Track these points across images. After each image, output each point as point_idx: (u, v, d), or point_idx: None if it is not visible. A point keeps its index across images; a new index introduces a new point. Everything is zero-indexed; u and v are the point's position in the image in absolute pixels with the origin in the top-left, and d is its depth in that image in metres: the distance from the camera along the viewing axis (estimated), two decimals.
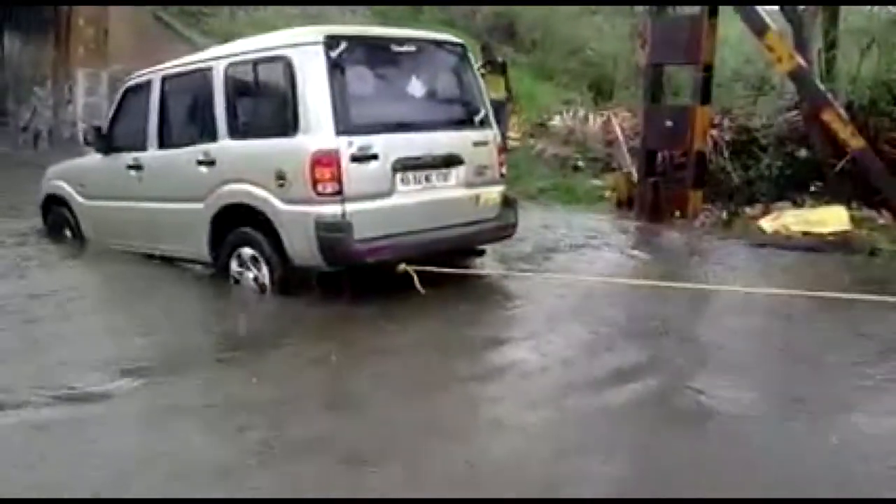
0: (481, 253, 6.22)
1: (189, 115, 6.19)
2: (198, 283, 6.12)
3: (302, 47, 5.20)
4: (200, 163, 5.71)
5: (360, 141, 5.10)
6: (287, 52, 5.24)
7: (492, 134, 6.00)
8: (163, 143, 6.19)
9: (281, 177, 5.14)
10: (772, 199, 8.79)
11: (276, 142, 5.27)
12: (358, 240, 5.07)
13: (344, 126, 5.05)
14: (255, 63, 5.49)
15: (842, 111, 8.29)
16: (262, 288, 5.50)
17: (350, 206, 5.08)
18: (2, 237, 7.54)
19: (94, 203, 6.96)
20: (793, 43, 8.99)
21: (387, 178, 5.25)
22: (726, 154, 9.50)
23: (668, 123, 8.98)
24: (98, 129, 6.81)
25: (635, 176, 9.58)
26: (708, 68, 8.91)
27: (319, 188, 5.01)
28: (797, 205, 8.58)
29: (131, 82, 6.69)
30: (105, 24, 13.70)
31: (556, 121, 12.80)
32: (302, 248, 5.17)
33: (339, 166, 5.02)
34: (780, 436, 3.42)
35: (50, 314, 5.33)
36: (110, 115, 6.85)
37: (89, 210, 7.02)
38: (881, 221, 7.98)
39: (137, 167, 6.33)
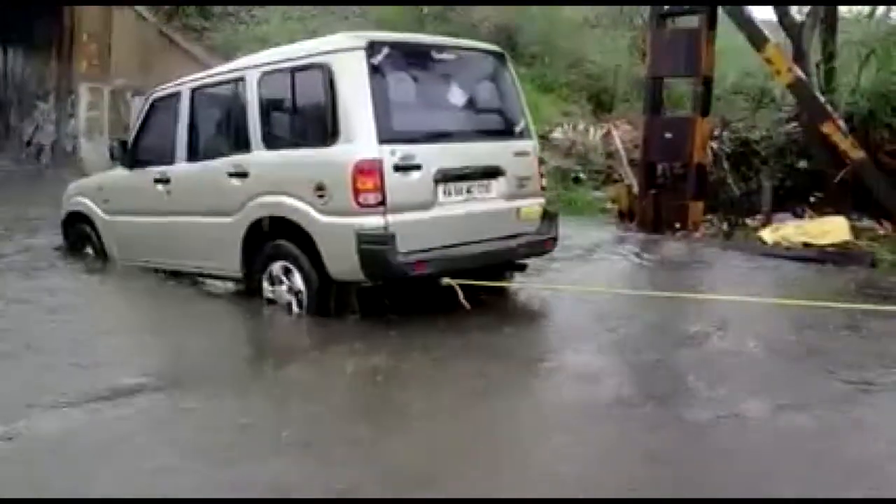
0: (523, 268, 5.98)
1: (220, 127, 6.03)
2: (232, 301, 5.90)
3: (342, 53, 5.00)
4: (232, 175, 5.51)
5: (402, 150, 4.90)
6: (327, 59, 5.02)
7: (532, 145, 5.81)
8: (192, 156, 5.98)
9: (320, 187, 4.93)
10: (772, 210, 8.81)
11: (316, 151, 5.06)
12: (401, 253, 4.85)
13: (386, 134, 4.85)
14: (292, 71, 5.24)
15: (841, 123, 8.34)
16: (298, 303, 5.27)
17: (392, 218, 4.86)
18: (35, 259, 7.26)
19: (118, 219, 6.73)
20: (792, 55, 9.07)
21: (429, 190, 5.06)
22: (726, 166, 9.53)
23: (668, 135, 9.02)
24: (124, 143, 6.62)
25: (636, 188, 9.60)
26: (707, 81, 8.99)
27: (361, 199, 4.79)
28: (798, 216, 8.61)
29: (157, 94, 6.50)
30: (108, 39, 13.82)
31: (557, 133, 12.83)
32: (342, 261, 4.96)
33: (381, 176, 4.81)
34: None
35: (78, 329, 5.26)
36: (135, 128, 6.67)
37: (114, 226, 6.80)
38: (881, 232, 8.01)
39: (165, 181, 6.12)
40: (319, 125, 5.04)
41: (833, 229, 7.85)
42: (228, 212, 5.54)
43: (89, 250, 7.18)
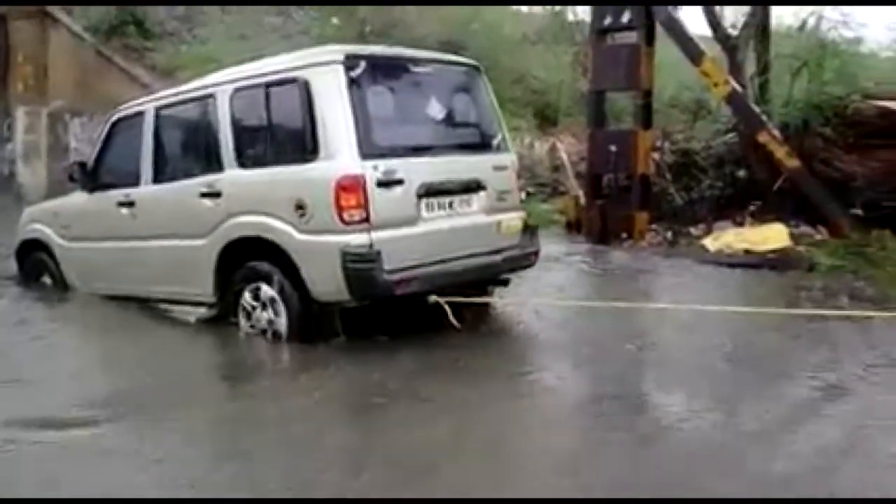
0: (506, 282, 5.85)
1: (189, 146, 5.84)
2: (204, 328, 5.62)
3: (320, 67, 4.87)
4: (204, 195, 5.31)
5: (385, 165, 4.78)
6: (303, 74, 4.89)
7: (510, 158, 5.77)
8: (158, 177, 5.76)
9: (300, 205, 4.78)
10: (713, 218, 9.06)
11: (294, 169, 4.91)
12: (387, 271, 4.71)
13: (368, 149, 4.73)
14: (267, 86, 5.08)
15: (776, 133, 8.63)
16: (278, 327, 5.07)
17: (377, 235, 4.73)
18: None
19: (79, 245, 6.43)
20: (727, 68, 9.35)
21: (412, 205, 4.94)
22: (669, 176, 9.76)
23: (612, 148, 9.21)
24: (83, 166, 6.32)
25: (583, 199, 9.77)
26: (647, 94, 9.23)
27: (345, 216, 4.66)
28: (738, 224, 8.86)
29: (119, 115, 6.24)
30: (44, 59, 13.53)
31: None
32: (325, 281, 4.80)
33: (365, 192, 4.68)
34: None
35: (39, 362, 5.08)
36: (95, 150, 6.38)
37: (74, 253, 6.50)
38: (818, 237, 8.28)
39: (129, 204, 5.88)
40: (297, 141, 4.90)
41: (772, 236, 8.10)
42: (200, 234, 5.35)
43: (47, 279, 6.85)
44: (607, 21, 9.40)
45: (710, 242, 8.41)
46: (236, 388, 4.73)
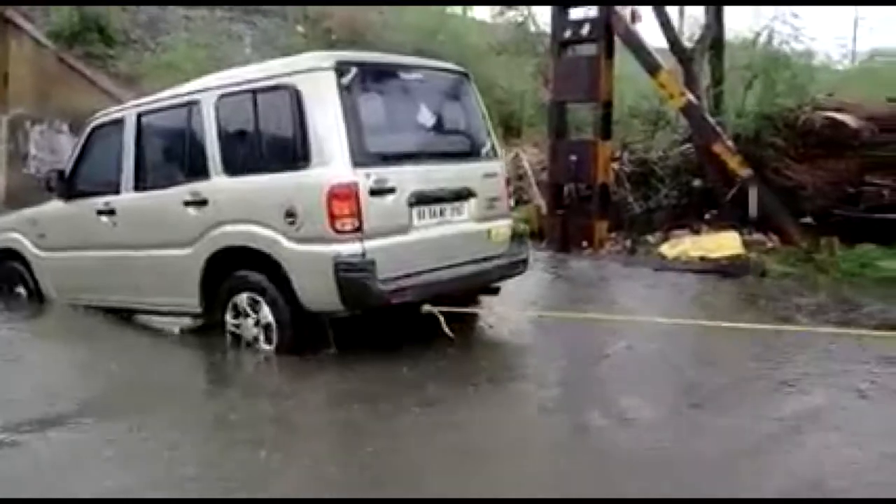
0: (496, 291, 5.79)
1: (172, 153, 5.68)
2: (189, 340, 5.54)
3: (310, 73, 4.80)
4: (188, 203, 5.20)
5: (377, 173, 4.72)
6: (293, 80, 4.81)
7: (500, 165, 5.77)
8: (140, 185, 5.65)
9: (291, 214, 4.70)
10: (670, 227, 9.30)
11: (284, 176, 4.81)
12: (380, 280, 4.65)
13: (360, 157, 4.67)
14: (254, 93, 4.99)
15: (730, 143, 8.90)
16: (266, 339, 4.99)
17: (370, 244, 4.67)
18: None
19: (56, 255, 6.28)
20: (683, 80, 9.61)
21: (404, 213, 4.89)
22: (628, 186, 9.99)
23: (573, 158, 9.42)
24: (61, 173, 6.15)
25: (544, 209, 9.95)
26: (607, 105, 9.45)
27: (338, 225, 4.58)
28: (694, 231, 9.11)
29: (98, 121, 6.12)
30: (5, 67, 13.38)
31: None
32: (317, 291, 4.72)
33: (358, 200, 4.61)
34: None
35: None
36: (73, 157, 6.21)
37: (51, 263, 6.34)
38: (770, 244, 8.54)
39: (109, 212, 5.75)
40: (288, 149, 4.82)
41: (726, 243, 8.35)
42: (185, 243, 5.25)
43: (21, 290, 6.67)
44: (567, 33, 9.63)
45: (667, 250, 8.65)
46: (220, 402, 4.60)
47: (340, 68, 4.76)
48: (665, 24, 10.04)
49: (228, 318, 5.15)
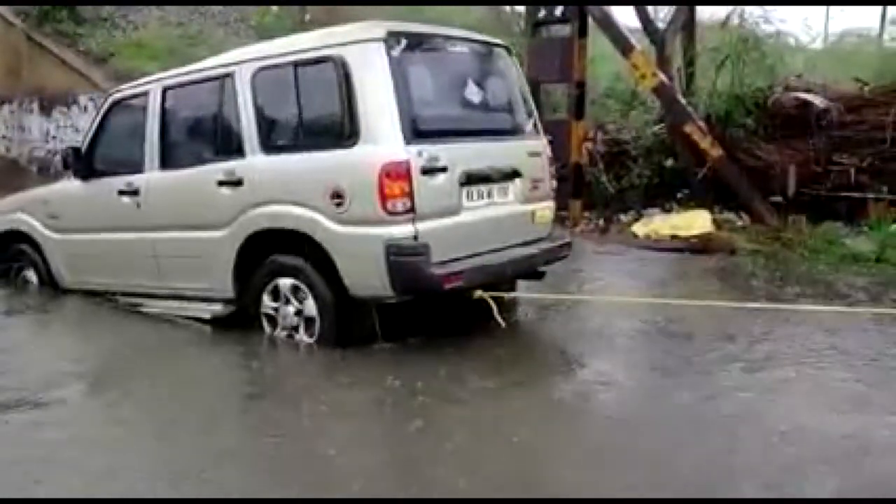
0: (541, 276, 5.46)
1: (202, 130, 5.35)
2: (227, 326, 5.12)
3: (359, 45, 4.48)
4: (222, 183, 4.89)
5: (429, 151, 4.42)
6: (340, 52, 4.49)
7: (543, 143, 5.43)
8: (166, 163, 5.31)
9: (338, 194, 4.40)
10: (643, 206, 9.44)
11: (330, 154, 4.51)
12: (434, 264, 4.37)
13: (412, 134, 4.38)
14: (296, 65, 4.67)
15: (701, 123, 9.02)
16: (308, 329, 4.71)
17: (422, 226, 4.38)
18: None
19: (71, 237, 5.93)
20: (656, 61, 9.71)
21: (455, 193, 4.59)
22: (601, 165, 10.09)
23: (547, 138, 9.46)
24: (77, 151, 5.77)
25: None
26: (580, 85, 9.52)
27: (389, 206, 4.28)
28: (665, 210, 9.26)
29: (118, 95, 5.76)
30: None
31: None
32: (366, 276, 4.42)
33: (410, 179, 4.32)
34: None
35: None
36: (90, 133, 5.83)
37: (65, 246, 6.00)
38: (740, 223, 8.72)
39: (133, 192, 5.41)
40: (333, 125, 4.53)
41: (697, 222, 8.49)
42: (217, 225, 4.94)
43: (31, 275, 6.34)
44: (542, 14, 9.67)
45: (639, 228, 8.78)
46: (259, 405, 4.17)
47: (390, 39, 4.47)
48: (640, 10, 10.11)
49: (265, 303, 4.86)
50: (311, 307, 4.68)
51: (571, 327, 5.48)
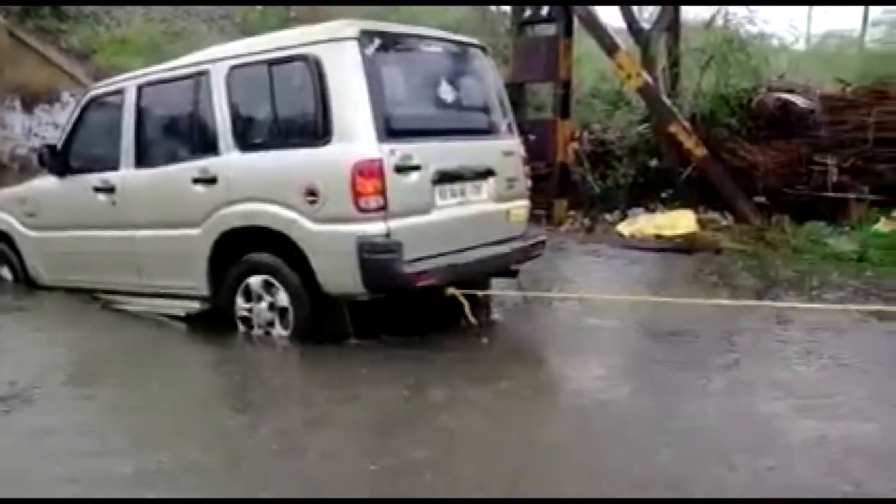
0: (515, 274, 5.49)
1: (178, 128, 5.36)
2: (202, 324, 5.13)
3: (332, 43, 4.50)
4: (197, 181, 4.89)
5: (402, 149, 4.47)
6: (313, 50, 4.51)
7: (517, 143, 5.48)
8: (141, 161, 5.31)
9: (312, 192, 4.43)
10: (627, 205, 9.48)
11: (304, 153, 4.55)
12: (406, 262, 4.42)
13: (385, 133, 4.41)
14: (270, 64, 4.69)
15: (686, 123, 9.07)
16: (282, 325, 4.74)
17: (394, 224, 4.43)
18: None
19: (47, 235, 5.95)
20: (640, 61, 9.74)
21: (428, 192, 4.64)
22: (586, 165, 10.11)
23: (532, 137, 9.47)
24: (53, 148, 5.79)
25: None
26: (566, 85, 9.54)
27: (362, 203, 4.33)
28: (650, 210, 9.29)
29: (94, 93, 5.77)
30: None
31: None
32: (338, 273, 4.45)
33: (383, 177, 4.36)
34: None
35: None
36: (66, 130, 5.85)
37: (41, 243, 6.03)
38: (724, 223, 8.76)
39: (108, 190, 5.42)
40: (307, 123, 4.55)
41: (681, 221, 8.54)
42: (192, 222, 4.95)
43: (5, 272, 6.37)
44: (527, 13, 9.68)
45: (623, 228, 8.82)
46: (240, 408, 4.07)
47: (364, 38, 4.49)
48: (625, 10, 10.15)
49: (239, 301, 4.87)
50: (286, 304, 4.70)
51: (545, 324, 5.58)
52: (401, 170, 4.47)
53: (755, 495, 2.92)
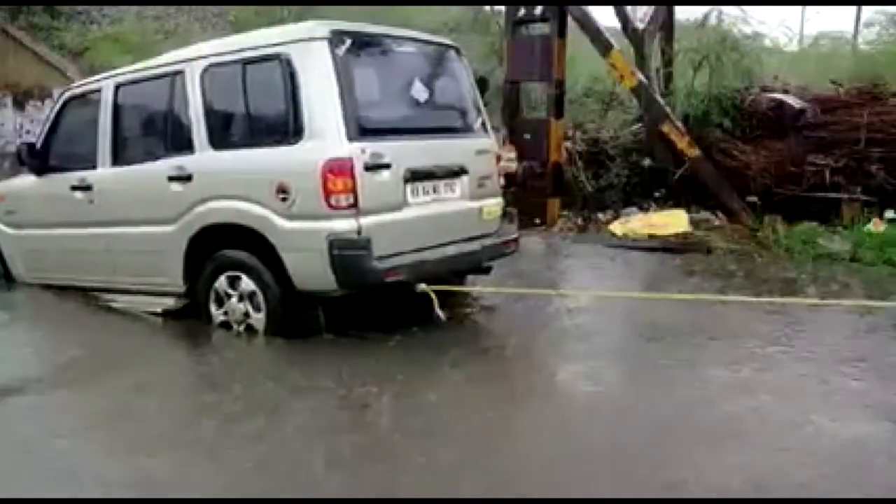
0: (487, 271, 5.64)
1: (154, 126, 5.44)
2: (178, 320, 5.25)
3: (304, 43, 4.59)
4: (172, 179, 4.98)
5: (372, 148, 4.56)
6: (285, 50, 4.61)
7: (491, 142, 5.60)
8: (118, 159, 5.40)
9: (283, 189, 4.51)
10: (621, 205, 9.49)
11: (276, 151, 4.63)
12: (375, 258, 4.51)
13: (355, 131, 4.50)
14: (244, 63, 4.77)
15: (679, 123, 9.08)
16: (252, 320, 4.84)
17: (365, 221, 4.52)
18: None
19: (26, 232, 6.08)
20: (634, 61, 9.75)
21: (399, 190, 4.74)
22: (580, 164, 10.12)
23: (526, 136, 9.50)
24: (32, 147, 5.87)
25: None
26: (560, 84, 9.53)
27: (333, 201, 4.42)
28: (643, 210, 9.30)
29: (72, 92, 5.87)
30: None
31: None
32: (310, 269, 4.56)
33: (353, 175, 4.45)
34: None
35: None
36: (45, 129, 5.95)
37: (19, 241, 6.15)
38: (716, 223, 8.77)
39: (86, 188, 5.51)
40: (279, 122, 4.64)
41: (674, 221, 8.56)
42: (168, 220, 5.05)
43: None
44: (521, 12, 9.67)
45: (616, 227, 8.82)
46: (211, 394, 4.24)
47: (335, 38, 4.58)
48: (619, 10, 10.15)
49: (213, 298, 4.99)
50: (259, 300, 4.79)
51: (522, 319, 5.62)
52: (371, 168, 4.56)
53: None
